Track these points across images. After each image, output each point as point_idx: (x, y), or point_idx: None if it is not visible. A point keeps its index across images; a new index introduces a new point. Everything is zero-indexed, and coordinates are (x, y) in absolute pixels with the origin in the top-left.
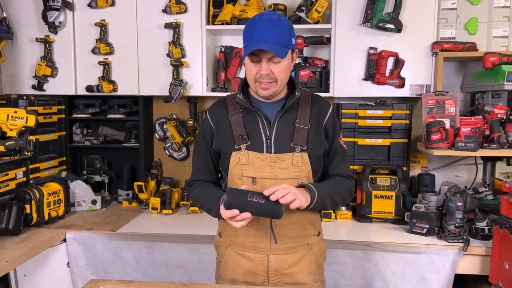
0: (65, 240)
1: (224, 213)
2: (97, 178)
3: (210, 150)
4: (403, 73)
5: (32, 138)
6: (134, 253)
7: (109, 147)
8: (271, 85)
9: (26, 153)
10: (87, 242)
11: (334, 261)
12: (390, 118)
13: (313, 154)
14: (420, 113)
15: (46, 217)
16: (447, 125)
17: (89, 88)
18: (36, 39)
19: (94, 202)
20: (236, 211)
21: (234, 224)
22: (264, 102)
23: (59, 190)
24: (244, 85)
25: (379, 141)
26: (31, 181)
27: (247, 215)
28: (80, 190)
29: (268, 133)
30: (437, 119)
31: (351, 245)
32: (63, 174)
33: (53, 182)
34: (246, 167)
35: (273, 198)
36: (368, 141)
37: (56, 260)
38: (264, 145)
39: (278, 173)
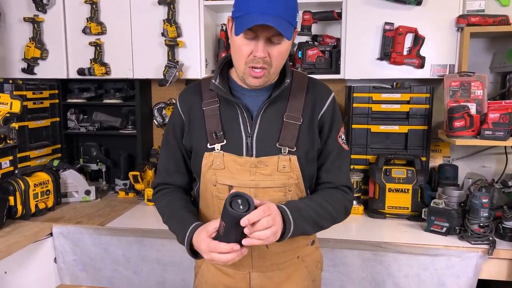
0: (51, 234)
1: (222, 247)
2: (94, 166)
3: (181, 146)
4: (423, 52)
5: (18, 124)
6: (124, 249)
7: (106, 134)
8: (264, 72)
9: (8, 141)
10: (75, 237)
11: (341, 262)
12: (408, 102)
13: (305, 157)
14: (442, 97)
15: (33, 209)
16: (473, 111)
17: (80, 71)
18: (24, 18)
19: (87, 192)
20: (236, 246)
21: (220, 258)
22: (247, 89)
23: (48, 181)
24: (224, 66)
25: (395, 128)
26: (16, 171)
27: (236, 247)
28: (73, 180)
29: (249, 130)
30: (461, 104)
31: (360, 245)
32: (55, 162)
33: (42, 172)
34: (221, 173)
35: (255, 242)
36: (383, 128)
37: (42, 256)
38: (244, 145)
39: (260, 180)
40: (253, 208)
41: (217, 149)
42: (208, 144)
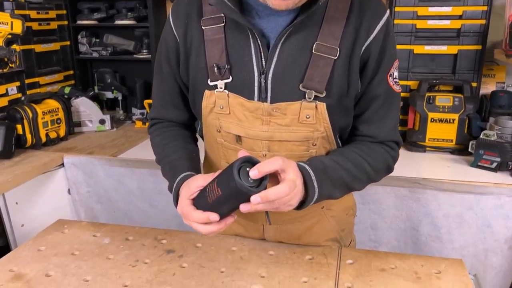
0: (63, 164)
1: (195, 216)
2: (109, 94)
3: (176, 76)
4: None
5: (23, 47)
6: (138, 181)
7: (121, 59)
8: None
9: (10, 65)
10: (87, 168)
11: (372, 200)
12: (459, 17)
13: (337, 105)
14: (502, 11)
15: (44, 139)
16: None
17: None
18: None
19: (102, 121)
20: (214, 216)
21: (197, 229)
22: (265, 5)
23: (57, 108)
24: None
25: (442, 49)
26: (23, 98)
27: (213, 217)
28: (86, 108)
29: (264, 64)
30: None
31: (395, 181)
32: (67, 90)
33: (51, 99)
34: (225, 118)
35: (261, 206)
36: (428, 48)
37: (54, 187)
38: (256, 85)
39: (275, 131)
40: (266, 182)
41: (221, 88)
42: (209, 80)
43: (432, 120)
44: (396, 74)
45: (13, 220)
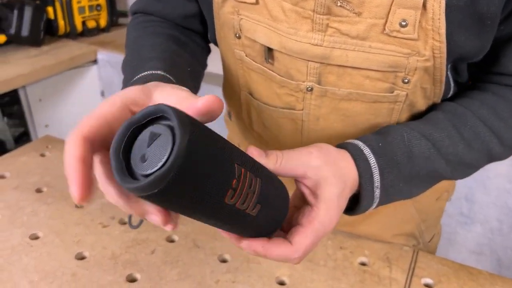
0: (96, 61)
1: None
2: None
3: None
4: None
5: None
6: None
7: None
8: None
9: None
10: None
11: None
12: None
13: (469, 10)
14: None
15: (80, 28)
16: None
17: None
18: None
19: None
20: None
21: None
22: None
23: None
24: None
25: None
26: None
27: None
28: None
29: None
30: None
31: None
32: None
33: None
34: (249, 12)
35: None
36: None
37: (86, 86)
38: None
39: (335, 46)
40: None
41: None
42: None
43: None
44: None
45: (36, 119)
